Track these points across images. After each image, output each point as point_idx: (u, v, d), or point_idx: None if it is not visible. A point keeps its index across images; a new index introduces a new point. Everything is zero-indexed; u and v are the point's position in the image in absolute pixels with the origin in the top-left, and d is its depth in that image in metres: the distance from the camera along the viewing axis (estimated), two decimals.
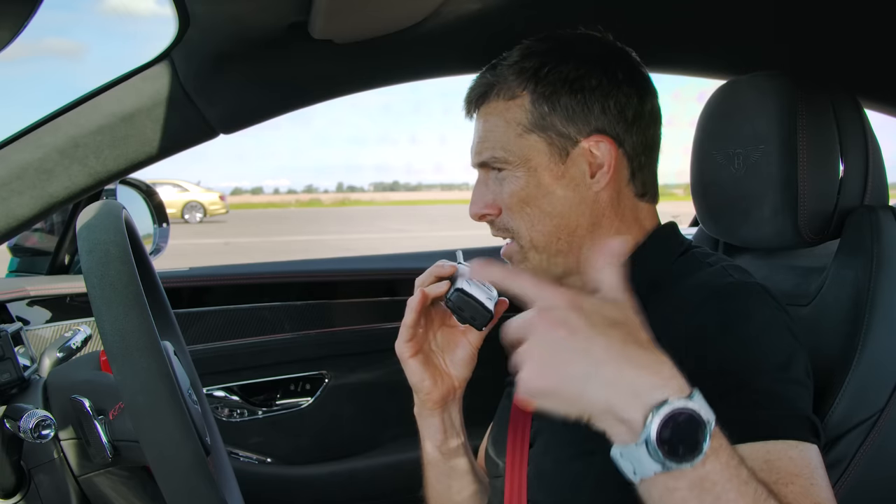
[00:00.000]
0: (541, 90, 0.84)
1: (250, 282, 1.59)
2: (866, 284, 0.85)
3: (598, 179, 0.84)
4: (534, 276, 0.79)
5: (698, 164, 1.02)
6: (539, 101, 0.84)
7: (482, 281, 0.87)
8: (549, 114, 0.84)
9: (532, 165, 0.85)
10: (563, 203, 0.85)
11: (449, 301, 0.85)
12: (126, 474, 0.86)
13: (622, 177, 0.86)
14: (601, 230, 0.86)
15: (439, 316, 0.92)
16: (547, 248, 0.87)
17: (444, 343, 0.91)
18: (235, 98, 0.97)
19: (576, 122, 0.84)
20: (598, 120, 0.84)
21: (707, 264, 0.83)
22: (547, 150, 0.84)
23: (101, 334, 0.63)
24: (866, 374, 0.83)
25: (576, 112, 0.84)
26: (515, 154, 0.85)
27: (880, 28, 1.07)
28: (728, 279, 0.79)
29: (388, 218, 21.12)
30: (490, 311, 0.84)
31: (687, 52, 1.20)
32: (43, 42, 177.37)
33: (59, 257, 1.57)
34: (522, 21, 1.00)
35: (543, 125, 0.84)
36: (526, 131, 0.84)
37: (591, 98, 0.84)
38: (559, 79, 0.84)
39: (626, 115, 0.85)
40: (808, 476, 0.65)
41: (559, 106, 0.84)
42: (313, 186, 60.18)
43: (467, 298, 0.84)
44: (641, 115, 0.86)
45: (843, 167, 0.91)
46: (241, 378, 1.54)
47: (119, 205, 0.77)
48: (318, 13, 0.83)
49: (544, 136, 0.84)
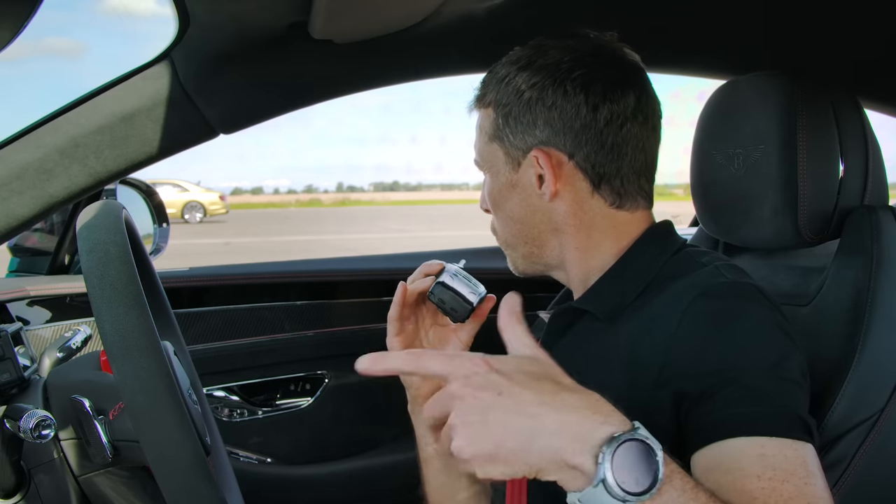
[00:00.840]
0: (500, 100, 0.88)
1: (250, 282, 1.59)
2: (866, 284, 0.85)
3: (543, 191, 0.86)
4: (515, 271, 0.89)
5: (698, 164, 1.01)
6: (498, 110, 0.88)
7: (469, 277, 0.90)
8: (504, 125, 0.87)
9: (494, 172, 0.90)
10: (520, 210, 0.89)
11: (431, 294, 0.88)
12: (126, 474, 0.86)
13: (580, 188, 0.86)
14: (568, 237, 0.88)
15: (430, 314, 0.93)
16: (517, 247, 0.92)
17: (436, 341, 0.94)
18: (235, 98, 0.97)
19: (523, 134, 0.86)
20: (542, 132, 0.85)
21: (700, 264, 0.82)
22: (504, 158, 0.88)
23: (101, 334, 0.63)
24: (866, 374, 0.83)
25: (523, 124, 0.86)
26: (484, 159, 0.91)
27: (880, 28, 1.07)
28: (720, 279, 0.78)
29: (388, 218, 21.12)
30: (471, 303, 0.88)
31: (687, 52, 1.20)
32: (43, 42, 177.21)
33: (59, 257, 1.57)
34: (522, 21, 1.00)
35: (500, 135, 0.88)
36: (490, 139, 0.89)
37: (536, 110, 0.85)
38: (513, 90, 0.86)
39: (573, 126, 0.84)
40: (803, 475, 0.64)
41: (510, 118, 0.87)
42: (313, 186, 60.18)
43: (447, 290, 0.87)
44: (593, 125, 0.84)
45: (842, 167, 0.91)
46: (241, 378, 1.54)
47: (119, 205, 0.77)
48: (318, 13, 0.83)
49: (501, 146, 0.88)
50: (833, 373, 0.84)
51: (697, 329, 0.74)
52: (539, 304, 1.07)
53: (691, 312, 0.75)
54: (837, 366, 0.84)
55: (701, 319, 0.74)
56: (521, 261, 0.93)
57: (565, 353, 0.87)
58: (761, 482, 0.63)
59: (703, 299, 0.76)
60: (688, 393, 0.72)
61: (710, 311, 0.75)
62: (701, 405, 0.70)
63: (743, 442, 0.66)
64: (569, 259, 0.90)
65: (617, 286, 0.85)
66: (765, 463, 0.65)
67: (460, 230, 11.56)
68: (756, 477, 0.64)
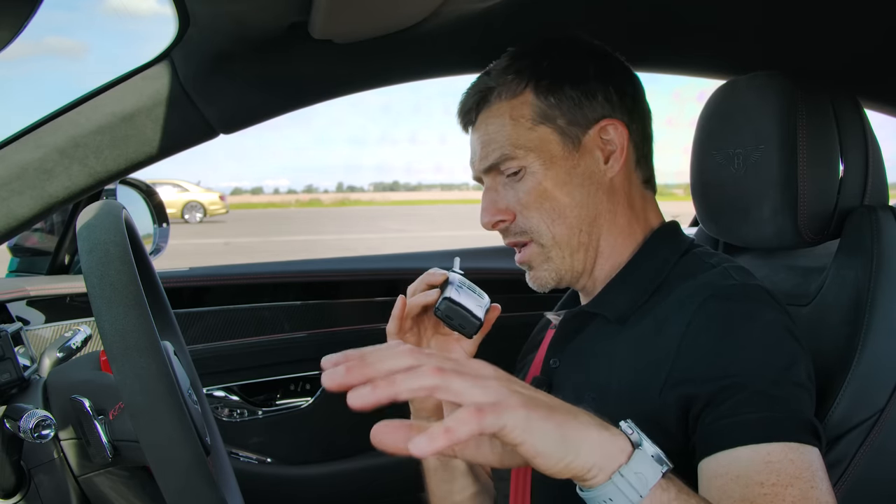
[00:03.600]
0: (543, 83, 0.84)
1: (250, 282, 1.59)
2: (866, 284, 0.85)
3: (611, 164, 0.86)
4: (555, 279, 0.88)
5: (698, 164, 1.01)
6: (543, 93, 0.84)
7: (472, 287, 0.87)
8: (555, 105, 0.84)
9: (545, 158, 0.84)
10: (581, 192, 0.84)
11: (438, 310, 0.84)
12: (126, 474, 0.86)
13: (631, 162, 0.88)
14: (617, 218, 0.87)
15: (433, 323, 0.91)
16: (569, 242, 0.86)
17: (439, 351, 0.88)
18: (235, 98, 0.97)
19: (583, 110, 0.84)
20: (604, 107, 0.85)
21: (710, 265, 0.83)
22: (559, 139, 0.84)
23: (101, 334, 0.63)
24: (866, 374, 0.83)
25: (581, 101, 0.84)
26: (527, 148, 0.84)
27: (880, 28, 1.07)
28: (730, 281, 0.78)
29: (388, 218, 21.11)
30: (479, 318, 0.84)
31: (687, 53, 1.20)
32: (44, 41, 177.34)
33: (59, 257, 1.57)
34: (522, 21, 1.00)
35: (552, 115, 0.84)
36: (535, 124, 0.84)
37: (593, 86, 0.85)
38: (559, 71, 0.85)
39: (627, 102, 0.87)
40: (808, 479, 0.64)
41: (564, 96, 0.84)
42: (313, 186, 60.22)
43: (455, 307, 0.83)
44: (640, 103, 0.89)
45: (842, 167, 0.91)
46: (241, 378, 1.54)
47: (119, 205, 0.77)
48: (318, 13, 0.83)
49: (554, 127, 0.84)
50: (833, 373, 0.84)
51: (708, 332, 0.74)
52: (545, 304, 1.07)
53: (701, 314, 0.75)
54: (837, 366, 0.84)
55: (711, 322, 0.74)
56: (566, 260, 0.86)
57: (575, 356, 0.87)
58: (764, 489, 0.63)
59: (712, 301, 0.75)
60: (697, 397, 0.71)
61: (720, 314, 0.74)
62: (710, 411, 0.70)
63: (751, 449, 0.66)
64: (605, 249, 0.87)
65: (628, 289, 0.85)
66: (770, 469, 0.65)
67: (460, 230, 11.56)
68: (759, 484, 0.64)
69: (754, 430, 0.67)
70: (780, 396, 0.69)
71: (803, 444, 0.66)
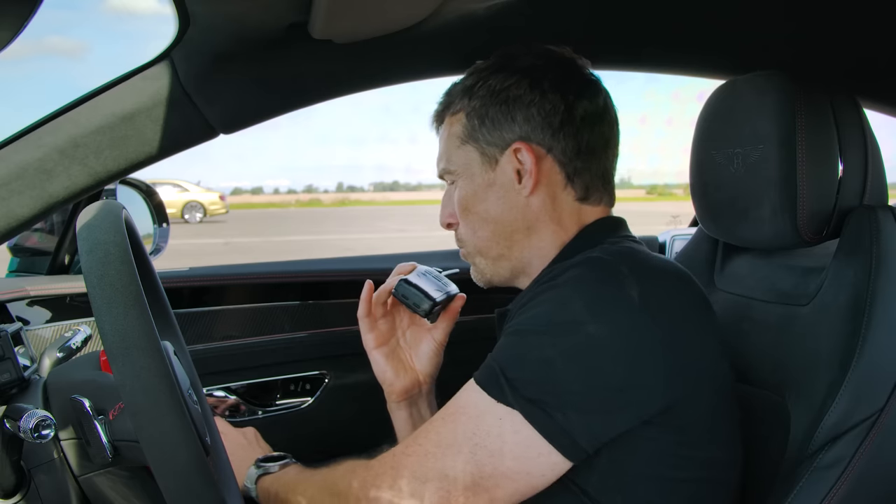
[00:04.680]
0: (473, 104, 0.90)
1: (250, 282, 1.59)
2: (865, 284, 0.85)
3: (524, 185, 0.89)
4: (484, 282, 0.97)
5: (697, 164, 1.02)
6: (471, 114, 0.90)
7: (440, 278, 0.93)
8: (479, 126, 0.90)
9: (468, 175, 0.91)
10: (496, 208, 0.90)
11: (395, 290, 0.94)
12: (126, 474, 0.86)
13: (555, 181, 0.89)
14: (538, 234, 0.90)
15: (409, 315, 1.01)
16: (489, 253, 0.93)
17: (412, 339, 1.03)
18: (235, 98, 0.97)
19: (501, 131, 0.89)
20: (522, 128, 0.88)
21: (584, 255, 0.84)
22: (479, 159, 0.91)
23: (101, 334, 0.63)
24: (866, 373, 0.83)
25: (501, 122, 0.89)
26: (456, 164, 0.92)
27: (880, 28, 1.07)
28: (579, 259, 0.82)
29: (388, 218, 21.11)
30: (433, 298, 0.93)
31: (686, 52, 1.20)
32: (44, 41, 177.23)
33: (59, 257, 1.57)
34: (522, 21, 1.00)
35: (475, 136, 0.90)
36: (462, 143, 0.91)
37: (515, 107, 0.88)
38: (487, 92, 0.90)
39: (552, 122, 0.88)
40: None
41: (487, 118, 0.89)
42: (313, 186, 60.21)
43: (410, 287, 0.93)
44: (570, 121, 0.88)
45: (842, 167, 0.91)
46: (241, 378, 1.54)
47: (119, 205, 0.77)
48: (318, 13, 0.83)
49: (476, 146, 0.90)
50: (833, 373, 0.84)
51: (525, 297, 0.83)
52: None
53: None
54: (837, 366, 0.84)
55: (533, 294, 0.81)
56: (490, 267, 0.94)
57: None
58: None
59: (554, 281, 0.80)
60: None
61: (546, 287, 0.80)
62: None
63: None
64: (535, 259, 0.91)
65: (534, 285, 0.89)
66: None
67: None
68: None
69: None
70: (503, 345, 0.78)
71: (483, 392, 0.75)
